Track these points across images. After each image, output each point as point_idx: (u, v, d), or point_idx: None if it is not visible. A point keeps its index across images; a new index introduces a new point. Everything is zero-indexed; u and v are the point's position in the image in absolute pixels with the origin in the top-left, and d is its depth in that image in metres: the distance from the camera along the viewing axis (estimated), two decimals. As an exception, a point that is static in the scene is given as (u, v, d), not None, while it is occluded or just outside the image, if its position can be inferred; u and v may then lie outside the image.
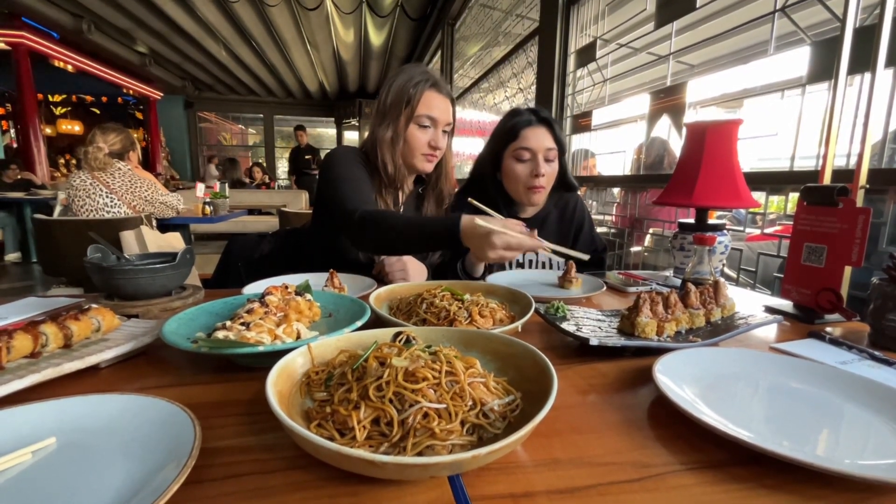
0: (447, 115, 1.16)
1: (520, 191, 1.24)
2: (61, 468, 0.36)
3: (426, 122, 1.13)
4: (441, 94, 1.15)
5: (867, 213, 0.76)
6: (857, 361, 0.64)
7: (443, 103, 1.14)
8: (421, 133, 1.13)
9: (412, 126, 1.13)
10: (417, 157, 1.15)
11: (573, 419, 0.47)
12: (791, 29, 1.33)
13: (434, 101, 1.13)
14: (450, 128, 1.19)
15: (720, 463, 0.40)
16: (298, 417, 0.41)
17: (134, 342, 0.59)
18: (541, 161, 1.19)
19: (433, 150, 1.15)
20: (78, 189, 2.24)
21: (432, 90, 1.13)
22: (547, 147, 1.20)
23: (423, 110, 1.11)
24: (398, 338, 0.49)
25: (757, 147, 1.45)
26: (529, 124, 1.22)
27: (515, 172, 1.22)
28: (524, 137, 1.21)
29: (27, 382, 0.48)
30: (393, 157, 1.14)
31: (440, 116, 1.13)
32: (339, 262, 1.10)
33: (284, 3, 4.75)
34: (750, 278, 1.43)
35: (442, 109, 1.14)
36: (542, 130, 1.21)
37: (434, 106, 1.13)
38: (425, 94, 1.12)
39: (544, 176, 1.19)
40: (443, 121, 1.15)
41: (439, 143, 1.15)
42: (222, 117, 10.86)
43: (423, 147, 1.14)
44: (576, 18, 2.35)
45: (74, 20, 5.36)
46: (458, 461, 0.32)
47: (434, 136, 1.14)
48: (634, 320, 0.66)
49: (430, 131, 1.14)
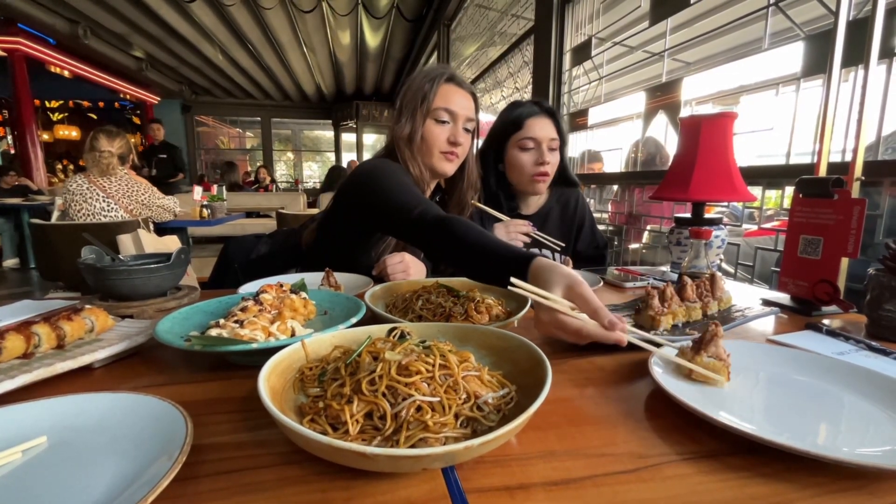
0: (467, 110, 1.08)
1: (524, 180, 1.25)
2: (52, 467, 0.36)
3: (444, 117, 1.06)
4: (460, 88, 1.09)
5: (862, 203, 0.76)
6: (854, 352, 0.64)
7: (462, 98, 1.08)
8: (438, 129, 1.07)
9: (429, 122, 1.07)
10: (436, 156, 1.08)
11: (569, 412, 0.47)
12: (785, 25, 1.33)
13: (452, 94, 1.07)
14: (472, 125, 1.12)
15: (717, 453, 0.39)
16: (291, 413, 0.41)
17: (127, 342, 0.59)
18: (545, 150, 1.21)
19: (453, 146, 1.08)
20: (75, 193, 2.24)
21: (450, 83, 1.08)
22: (550, 137, 1.22)
23: (439, 103, 1.06)
24: (392, 333, 0.49)
25: (754, 144, 1.45)
26: (533, 114, 1.23)
27: (521, 162, 1.23)
28: (528, 127, 1.22)
29: (18, 383, 0.47)
30: (413, 155, 1.08)
31: (459, 110, 1.07)
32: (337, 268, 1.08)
33: (280, 5, 4.76)
34: (747, 273, 1.43)
35: (461, 103, 1.07)
36: (546, 121, 1.23)
37: (452, 99, 1.07)
38: (442, 87, 1.06)
39: (549, 164, 1.21)
40: (462, 115, 1.08)
41: (459, 138, 1.07)
42: (220, 121, 10.86)
43: (442, 143, 1.07)
44: (571, 17, 2.35)
45: (70, 26, 5.35)
46: (451, 452, 0.32)
47: (453, 131, 1.07)
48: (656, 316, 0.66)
49: (449, 126, 1.08)
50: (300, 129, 11.82)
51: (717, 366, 0.50)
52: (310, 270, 1.04)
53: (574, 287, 0.58)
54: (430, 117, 1.06)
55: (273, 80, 8.28)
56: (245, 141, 11.60)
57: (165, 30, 5.52)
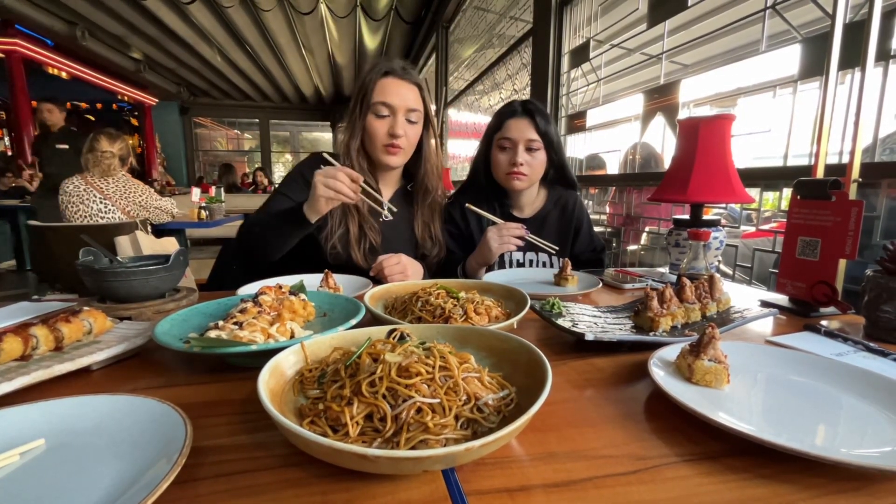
0: (406, 101, 1.10)
1: (501, 178, 1.29)
2: (50, 469, 0.35)
3: (383, 111, 1.09)
4: (399, 80, 1.10)
5: (860, 205, 0.76)
6: (852, 353, 0.64)
7: (401, 88, 1.09)
8: (378, 123, 1.09)
9: (370, 116, 1.10)
10: (378, 149, 1.12)
11: (569, 414, 0.47)
12: (782, 28, 1.34)
13: (389, 87, 1.09)
14: (416, 115, 1.13)
15: (717, 454, 0.39)
16: (291, 415, 0.41)
17: (126, 344, 0.59)
18: (520, 150, 1.23)
19: (393, 138, 1.10)
20: (71, 195, 2.23)
21: (387, 77, 1.09)
22: (528, 138, 1.23)
23: (377, 97, 1.08)
24: (392, 334, 0.49)
25: (751, 146, 1.46)
26: (513, 115, 1.26)
27: (498, 160, 1.27)
28: (507, 128, 1.26)
29: (16, 385, 0.47)
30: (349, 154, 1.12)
31: (397, 102, 1.08)
32: (336, 268, 1.08)
33: (279, 7, 4.75)
34: (745, 275, 1.43)
35: (400, 95, 1.09)
36: (525, 121, 1.24)
37: (389, 92, 1.08)
38: (379, 81, 1.09)
39: (523, 164, 1.23)
40: (402, 107, 1.09)
41: (398, 130, 1.09)
42: (218, 122, 10.85)
43: (383, 137, 1.10)
44: (569, 19, 2.36)
45: (68, 27, 5.34)
46: (452, 454, 0.31)
47: (392, 123, 1.09)
48: (655, 317, 0.67)
49: (389, 119, 1.10)
50: (298, 130, 11.82)
51: (717, 368, 0.50)
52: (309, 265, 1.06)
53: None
54: (371, 112, 1.10)
55: (271, 82, 8.27)
56: (243, 142, 11.59)
57: (163, 31, 5.51)
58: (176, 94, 8.87)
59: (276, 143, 10.87)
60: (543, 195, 1.37)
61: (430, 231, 1.25)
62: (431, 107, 1.18)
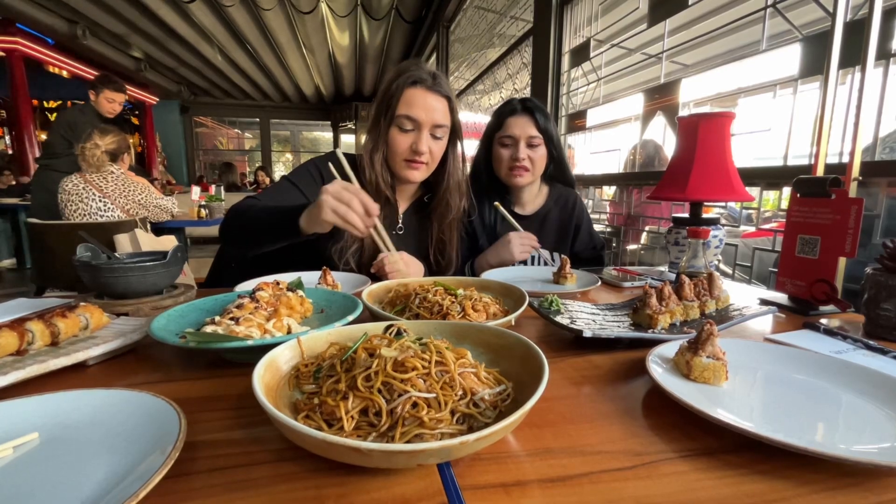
0: (433, 116, 1.02)
1: (503, 174, 1.31)
2: (43, 463, 0.35)
3: (407, 125, 1.02)
4: (428, 92, 1.02)
5: (860, 203, 0.76)
6: (851, 351, 0.64)
7: (429, 101, 1.02)
8: (402, 137, 1.03)
9: (393, 129, 1.03)
10: (399, 164, 1.06)
11: (566, 410, 0.47)
12: (783, 27, 1.34)
13: (416, 99, 1.01)
14: (442, 131, 1.06)
15: (714, 450, 0.39)
16: (286, 409, 0.41)
17: (122, 339, 0.58)
18: (521, 147, 1.25)
19: (416, 154, 1.03)
20: (70, 193, 2.23)
21: (415, 87, 1.02)
22: (529, 134, 1.26)
23: (402, 110, 1.01)
24: (389, 330, 0.49)
25: (751, 145, 1.45)
26: (513, 113, 1.28)
27: (500, 157, 1.29)
28: (507, 125, 1.28)
29: (11, 379, 0.47)
30: (373, 165, 1.05)
31: (423, 117, 1.01)
32: (334, 266, 1.08)
33: (279, 6, 4.75)
34: (745, 274, 1.43)
35: (426, 108, 1.01)
36: (525, 119, 1.27)
37: (415, 104, 1.01)
38: (406, 92, 1.01)
39: (525, 160, 1.25)
40: (428, 122, 1.02)
41: (421, 147, 1.02)
42: (218, 122, 10.85)
43: (405, 152, 1.04)
44: (569, 19, 2.36)
45: (69, 26, 5.34)
46: (446, 448, 0.31)
47: (416, 139, 1.03)
48: (654, 315, 0.66)
49: (413, 134, 1.03)
50: (299, 130, 11.82)
51: (715, 365, 0.50)
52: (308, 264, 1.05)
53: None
54: (395, 125, 1.03)
55: (272, 81, 8.27)
56: (244, 142, 11.59)
57: (164, 30, 5.51)
58: (176, 94, 8.87)
59: (276, 142, 10.87)
60: (545, 193, 1.38)
61: (443, 248, 1.19)
62: (460, 118, 1.11)
